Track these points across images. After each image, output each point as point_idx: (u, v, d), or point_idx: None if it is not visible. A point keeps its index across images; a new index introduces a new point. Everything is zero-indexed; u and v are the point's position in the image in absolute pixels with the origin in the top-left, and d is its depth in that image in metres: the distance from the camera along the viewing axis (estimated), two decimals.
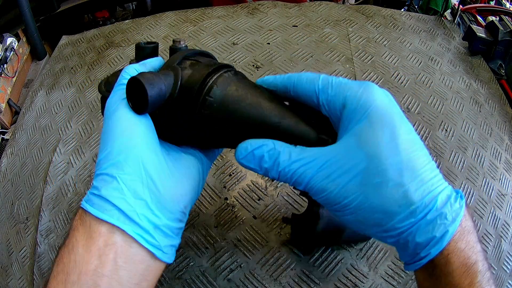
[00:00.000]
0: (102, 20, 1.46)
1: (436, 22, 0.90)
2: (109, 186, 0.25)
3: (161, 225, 0.26)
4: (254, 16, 0.86)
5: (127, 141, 0.26)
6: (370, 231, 0.24)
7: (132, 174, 0.25)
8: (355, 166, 0.23)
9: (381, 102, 0.24)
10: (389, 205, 0.22)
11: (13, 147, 0.75)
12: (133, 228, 0.25)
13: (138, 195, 0.25)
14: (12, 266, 0.57)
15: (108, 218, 0.24)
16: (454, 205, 0.23)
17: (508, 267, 0.53)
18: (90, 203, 0.26)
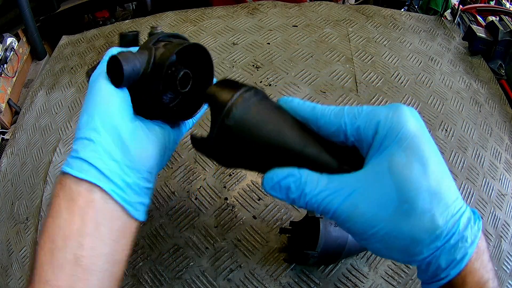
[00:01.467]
0: (102, 20, 1.46)
1: (436, 22, 0.90)
2: (87, 148, 0.27)
3: (131, 183, 0.28)
4: (254, 16, 0.86)
5: (104, 108, 0.28)
6: (394, 256, 0.24)
7: (107, 138, 0.28)
8: (384, 194, 0.23)
9: (411, 125, 0.24)
10: (417, 231, 0.22)
11: (13, 147, 0.75)
12: (109, 185, 0.27)
13: (112, 156, 0.27)
14: (12, 266, 0.57)
15: (86, 176, 0.26)
16: (473, 227, 0.23)
17: (508, 267, 0.53)
18: (70, 166, 0.27)
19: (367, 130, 0.24)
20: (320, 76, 0.69)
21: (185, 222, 0.51)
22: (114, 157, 0.27)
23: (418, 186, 0.22)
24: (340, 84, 0.68)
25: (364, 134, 0.25)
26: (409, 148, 0.23)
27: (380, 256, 0.27)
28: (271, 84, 0.68)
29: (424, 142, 0.23)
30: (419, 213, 0.22)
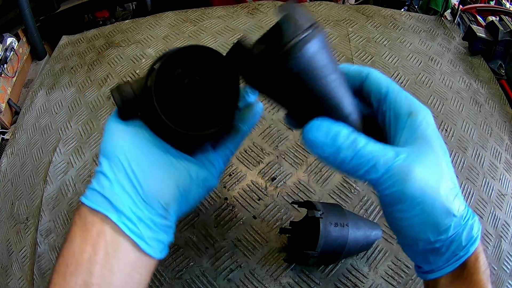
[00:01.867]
0: (102, 20, 1.46)
1: (436, 22, 0.90)
2: (101, 180, 0.28)
3: (143, 217, 0.28)
4: (254, 16, 0.86)
5: (116, 141, 0.29)
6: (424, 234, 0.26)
7: (119, 170, 0.28)
8: (432, 166, 0.25)
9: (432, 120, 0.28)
10: (450, 204, 0.25)
11: (13, 147, 0.75)
12: (119, 217, 0.27)
13: (124, 188, 0.28)
14: (12, 266, 0.57)
15: (98, 207, 0.27)
16: (476, 216, 0.27)
17: (508, 267, 0.53)
18: (86, 196, 0.28)
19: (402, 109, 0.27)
20: None
21: (185, 222, 0.51)
22: (126, 189, 0.28)
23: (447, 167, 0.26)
24: None
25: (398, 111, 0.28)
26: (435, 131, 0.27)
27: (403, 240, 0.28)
28: None
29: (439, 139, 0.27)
30: (452, 189, 0.25)
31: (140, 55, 0.80)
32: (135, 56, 0.80)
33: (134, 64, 0.78)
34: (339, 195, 0.54)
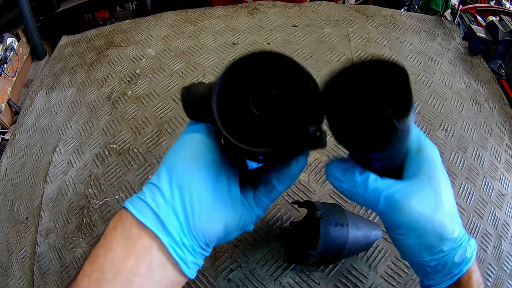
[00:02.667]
0: (102, 20, 1.46)
1: (436, 22, 0.90)
2: (157, 197, 0.28)
3: (188, 245, 0.29)
4: (254, 16, 0.86)
5: (186, 166, 0.29)
6: (421, 254, 0.30)
7: (178, 196, 0.28)
8: (427, 197, 0.30)
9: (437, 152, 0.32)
10: (444, 231, 0.29)
11: (13, 147, 0.75)
12: (168, 240, 0.28)
13: (177, 215, 0.28)
14: (12, 266, 0.57)
15: (150, 225, 0.27)
16: (472, 239, 0.31)
17: (508, 267, 0.53)
18: (134, 205, 0.28)
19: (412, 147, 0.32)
20: (320, 76, 0.69)
21: None
22: (179, 216, 0.28)
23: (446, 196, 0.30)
24: None
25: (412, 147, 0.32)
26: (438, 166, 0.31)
27: (405, 258, 0.32)
28: None
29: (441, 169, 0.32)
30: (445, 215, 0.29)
31: (140, 55, 0.80)
32: (135, 56, 0.80)
33: (134, 64, 0.78)
34: (339, 195, 0.54)
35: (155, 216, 0.28)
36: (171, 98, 0.68)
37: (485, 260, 0.53)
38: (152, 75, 0.74)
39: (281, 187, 0.33)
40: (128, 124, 0.66)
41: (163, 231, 0.28)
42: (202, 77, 0.71)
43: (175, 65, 0.75)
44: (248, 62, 0.27)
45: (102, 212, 0.56)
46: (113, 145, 0.64)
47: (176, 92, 0.69)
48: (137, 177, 0.58)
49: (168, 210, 0.28)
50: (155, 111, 0.67)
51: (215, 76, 0.71)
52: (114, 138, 0.65)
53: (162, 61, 0.77)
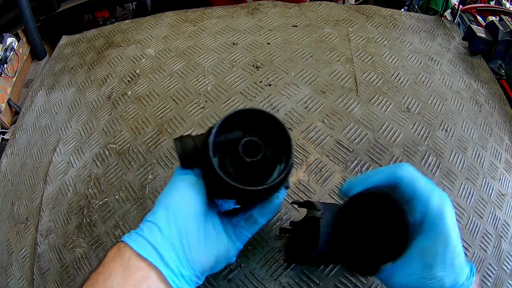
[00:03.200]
0: (102, 20, 1.46)
1: (436, 22, 0.90)
2: (153, 233, 0.32)
3: (185, 275, 0.32)
4: (254, 16, 0.86)
5: (181, 207, 0.33)
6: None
7: (175, 233, 0.32)
8: (414, 272, 0.33)
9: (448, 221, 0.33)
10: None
11: (13, 147, 0.75)
12: (167, 271, 0.31)
13: (174, 249, 0.32)
14: (12, 266, 0.57)
15: (149, 257, 0.31)
16: (467, 283, 0.33)
17: (508, 267, 0.53)
18: (132, 240, 0.32)
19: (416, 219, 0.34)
20: (320, 76, 0.69)
21: None
22: (177, 251, 0.32)
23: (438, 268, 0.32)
24: (340, 84, 0.68)
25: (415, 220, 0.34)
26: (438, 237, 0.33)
27: None
28: (271, 84, 0.68)
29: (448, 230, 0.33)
30: (434, 282, 0.32)
31: (140, 55, 0.80)
32: (135, 56, 0.80)
33: (134, 64, 0.78)
34: (339, 195, 0.54)
35: (153, 249, 0.31)
36: (171, 98, 0.68)
37: (485, 260, 0.53)
38: (152, 75, 0.74)
39: (263, 220, 0.39)
40: (128, 124, 0.66)
41: (162, 263, 0.31)
42: (202, 77, 0.71)
43: (175, 65, 0.75)
44: (234, 118, 0.32)
45: (102, 212, 0.56)
46: (113, 145, 0.64)
47: (176, 92, 0.69)
48: (137, 177, 0.58)
49: (165, 245, 0.31)
50: (155, 111, 0.67)
51: (215, 76, 0.71)
52: (114, 138, 0.65)
53: (162, 61, 0.77)
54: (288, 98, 0.65)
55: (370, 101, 0.66)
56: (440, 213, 0.33)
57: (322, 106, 0.64)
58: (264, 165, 0.33)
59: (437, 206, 0.33)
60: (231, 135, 0.33)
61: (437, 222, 0.33)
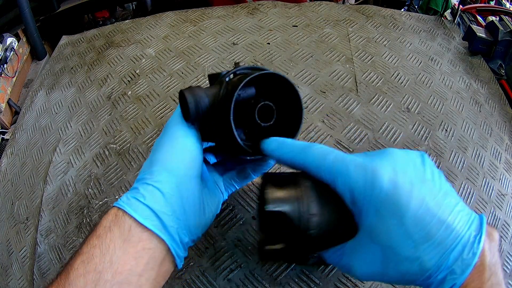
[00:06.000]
0: (102, 20, 1.46)
1: (436, 22, 0.90)
2: (157, 200, 0.29)
3: (184, 242, 0.31)
4: (254, 16, 0.86)
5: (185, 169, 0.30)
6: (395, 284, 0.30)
7: (178, 198, 0.30)
8: (373, 258, 0.27)
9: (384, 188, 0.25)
10: (408, 276, 0.26)
11: (13, 147, 0.75)
12: (169, 240, 0.29)
13: (177, 216, 0.30)
14: (12, 266, 0.57)
15: (152, 227, 0.28)
16: (466, 257, 0.24)
17: (508, 267, 0.53)
18: (133, 207, 0.29)
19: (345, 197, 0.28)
20: (320, 76, 0.69)
21: None
22: (179, 217, 0.30)
23: (400, 245, 0.25)
24: (340, 84, 0.68)
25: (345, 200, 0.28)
26: (383, 210, 0.25)
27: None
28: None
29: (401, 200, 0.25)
30: (407, 264, 0.25)
31: (140, 55, 0.80)
32: (135, 56, 0.80)
33: (134, 64, 0.78)
34: None
35: (157, 219, 0.29)
36: (171, 98, 0.68)
37: None
38: (152, 75, 0.74)
39: (256, 176, 0.39)
40: (128, 124, 0.66)
41: (166, 233, 0.29)
42: (202, 77, 0.71)
43: (175, 65, 0.75)
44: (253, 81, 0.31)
45: (102, 212, 0.56)
46: (113, 145, 0.64)
47: (176, 92, 0.69)
48: None
49: (168, 212, 0.29)
50: (155, 111, 0.67)
51: None
52: (114, 138, 0.65)
53: (162, 61, 0.77)
54: None
55: (370, 101, 0.66)
56: (370, 180, 0.26)
57: (322, 106, 0.64)
58: (274, 129, 0.33)
59: (361, 172, 0.26)
60: (245, 93, 0.32)
61: (368, 193, 0.26)
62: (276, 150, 0.31)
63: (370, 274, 0.27)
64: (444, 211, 0.25)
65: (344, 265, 0.29)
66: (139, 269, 0.28)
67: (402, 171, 0.26)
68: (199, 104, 0.31)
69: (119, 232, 0.28)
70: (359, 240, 0.27)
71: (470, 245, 0.24)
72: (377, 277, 0.27)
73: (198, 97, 0.31)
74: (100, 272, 0.26)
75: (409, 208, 0.25)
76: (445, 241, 0.24)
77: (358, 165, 0.27)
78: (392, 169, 0.26)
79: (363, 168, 0.26)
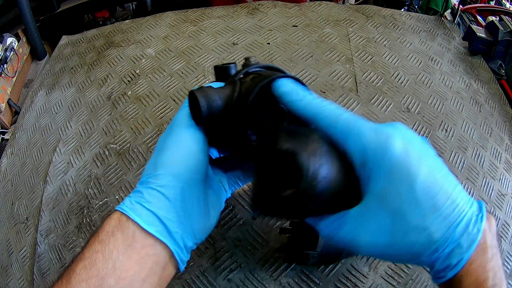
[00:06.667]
0: (102, 20, 1.46)
1: (436, 22, 0.90)
2: (162, 205, 0.29)
3: (188, 246, 0.31)
4: (254, 16, 0.86)
5: (191, 174, 0.30)
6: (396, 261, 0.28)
7: (183, 205, 0.29)
8: (381, 226, 0.25)
9: (396, 153, 0.25)
10: (415, 248, 0.25)
11: (13, 147, 0.75)
12: (174, 246, 0.29)
13: (182, 221, 0.29)
14: (12, 266, 0.57)
15: (157, 233, 0.28)
16: (471, 232, 0.24)
17: (508, 267, 0.53)
18: (137, 213, 0.28)
19: (355, 159, 0.26)
20: (320, 76, 0.69)
21: None
22: (184, 223, 0.29)
23: (410, 213, 0.24)
24: (340, 84, 0.68)
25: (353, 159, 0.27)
26: (396, 178, 0.25)
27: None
28: None
29: (411, 166, 0.24)
30: (415, 234, 0.24)
31: (140, 55, 0.80)
32: (135, 56, 0.80)
33: (134, 64, 0.78)
34: None
35: (161, 224, 0.28)
36: (171, 98, 0.68)
37: None
38: (152, 75, 0.74)
39: None
40: (128, 124, 0.66)
41: (170, 239, 0.29)
42: (202, 77, 0.71)
43: (175, 65, 0.75)
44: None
45: (102, 212, 0.56)
46: (113, 145, 0.64)
47: (176, 92, 0.69)
48: (137, 177, 0.58)
49: (173, 218, 0.29)
50: (155, 111, 0.67)
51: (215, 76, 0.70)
52: (114, 138, 0.65)
53: (162, 61, 0.77)
54: None
55: (370, 101, 0.66)
56: (382, 143, 0.25)
57: None
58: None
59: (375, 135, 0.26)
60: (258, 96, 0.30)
61: (380, 156, 0.25)
62: (288, 94, 0.29)
63: (375, 244, 0.26)
64: (449, 186, 0.25)
65: (345, 236, 0.27)
66: (143, 275, 0.28)
67: (412, 142, 0.26)
68: (211, 106, 0.30)
69: (122, 237, 0.28)
70: (367, 205, 0.26)
71: (474, 222, 0.24)
72: (382, 249, 0.26)
73: (211, 99, 0.30)
74: (103, 278, 0.26)
75: (419, 175, 0.24)
76: (451, 214, 0.24)
77: (372, 127, 0.26)
78: (402, 137, 0.26)
79: (376, 131, 0.26)
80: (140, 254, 0.28)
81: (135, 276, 0.27)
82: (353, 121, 0.27)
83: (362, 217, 0.26)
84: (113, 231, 0.28)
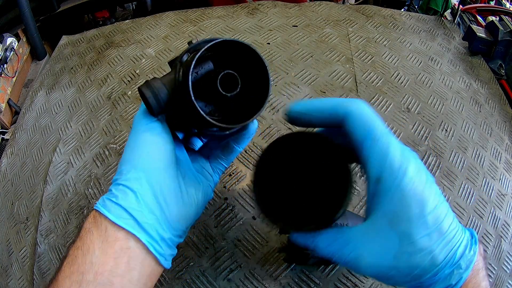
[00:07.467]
0: (102, 20, 1.46)
1: (436, 22, 0.90)
2: (128, 197, 0.29)
3: (166, 238, 0.30)
4: (254, 16, 0.86)
5: (151, 162, 0.30)
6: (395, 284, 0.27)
7: (149, 193, 0.29)
8: (388, 246, 0.25)
9: (411, 178, 0.25)
10: (418, 270, 0.25)
11: (13, 147, 0.75)
12: (146, 238, 0.29)
13: (152, 211, 0.29)
14: (12, 266, 0.57)
15: (125, 225, 0.28)
16: (468, 254, 0.26)
17: (508, 267, 0.53)
18: (107, 209, 0.29)
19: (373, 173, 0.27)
20: (320, 76, 0.69)
21: None
22: (154, 212, 0.29)
23: (418, 235, 0.25)
24: (340, 84, 0.68)
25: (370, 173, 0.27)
26: (409, 198, 0.25)
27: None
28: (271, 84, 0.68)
29: (425, 191, 0.25)
30: (420, 256, 0.25)
31: (140, 55, 0.80)
32: (135, 56, 0.80)
33: (134, 64, 0.78)
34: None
35: (130, 217, 0.29)
36: None
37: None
38: (152, 75, 0.74)
39: (240, 148, 0.38)
40: (128, 124, 0.66)
41: (141, 230, 0.29)
42: None
43: None
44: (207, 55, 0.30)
45: None
46: (113, 145, 0.64)
47: None
48: None
49: (142, 209, 0.29)
50: None
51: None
52: (114, 138, 0.65)
53: (162, 61, 0.77)
54: (288, 98, 0.65)
55: (370, 101, 0.66)
56: (403, 166, 0.25)
57: None
58: (242, 99, 0.31)
59: (399, 156, 0.26)
60: (202, 69, 0.31)
61: (399, 178, 0.25)
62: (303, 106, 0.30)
63: (378, 265, 0.26)
64: (450, 212, 0.26)
65: (348, 254, 0.27)
66: (120, 270, 0.28)
67: (422, 168, 0.27)
68: (158, 96, 0.30)
69: (97, 233, 0.29)
70: (375, 224, 0.26)
71: (470, 245, 0.26)
72: (384, 270, 0.26)
73: (156, 89, 0.30)
74: (83, 273, 0.27)
75: (429, 201, 0.25)
76: (453, 238, 0.25)
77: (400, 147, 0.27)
78: (416, 163, 0.26)
79: (400, 153, 0.26)
80: (114, 248, 0.28)
81: (112, 271, 0.28)
82: (386, 133, 0.27)
83: (369, 235, 0.26)
84: (90, 228, 0.29)
